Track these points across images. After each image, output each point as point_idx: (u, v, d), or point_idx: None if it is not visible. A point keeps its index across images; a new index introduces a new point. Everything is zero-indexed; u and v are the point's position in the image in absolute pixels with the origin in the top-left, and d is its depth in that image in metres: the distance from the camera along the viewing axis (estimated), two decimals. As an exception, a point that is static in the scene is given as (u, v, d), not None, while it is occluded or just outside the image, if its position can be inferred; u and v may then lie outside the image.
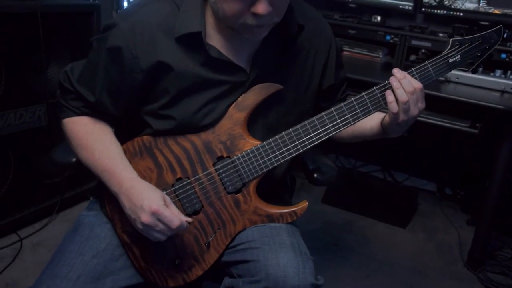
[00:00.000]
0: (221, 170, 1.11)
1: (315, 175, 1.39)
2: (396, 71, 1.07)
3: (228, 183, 1.11)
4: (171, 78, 1.06)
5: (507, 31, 2.26)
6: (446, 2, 2.44)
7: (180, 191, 1.11)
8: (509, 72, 2.13)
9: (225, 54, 1.08)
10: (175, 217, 1.00)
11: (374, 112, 1.10)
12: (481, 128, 1.93)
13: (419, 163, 2.90)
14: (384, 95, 1.07)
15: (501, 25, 1.12)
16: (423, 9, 2.49)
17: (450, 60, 1.10)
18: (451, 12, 2.42)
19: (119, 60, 1.06)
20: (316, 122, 1.10)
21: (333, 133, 1.10)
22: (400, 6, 2.55)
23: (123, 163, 1.08)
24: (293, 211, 1.14)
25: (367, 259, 2.22)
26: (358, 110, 1.09)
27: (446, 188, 2.84)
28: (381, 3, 2.60)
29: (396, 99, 1.05)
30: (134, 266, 1.15)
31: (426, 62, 1.09)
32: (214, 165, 1.11)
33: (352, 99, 1.09)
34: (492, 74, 2.12)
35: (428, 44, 2.42)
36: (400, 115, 1.06)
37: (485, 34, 1.11)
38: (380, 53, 2.56)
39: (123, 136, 1.14)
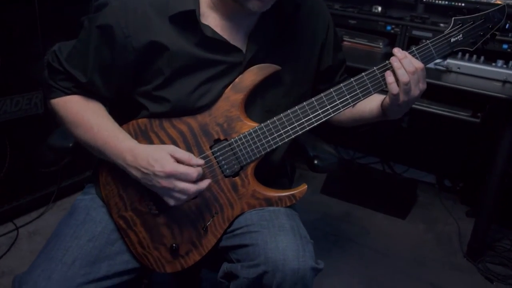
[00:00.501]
0: (218, 153, 1.09)
1: (315, 162, 1.37)
2: (396, 50, 1.04)
3: (225, 166, 1.09)
4: (165, 58, 1.04)
5: (509, 21, 2.26)
6: (447, -8, 2.41)
7: None
8: (510, 62, 2.11)
9: (220, 34, 1.06)
10: (190, 169, 1.00)
11: (374, 93, 1.08)
12: (483, 118, 1.91)
13: (418, 155, 2.88)
14: (384, 75, 1.05)
15: (504, 4, 1.09)
16: (424, 0, 2.46)
17: (452, 40, 1.08)
18: (452, 3, 2.39)
19: (111, 39, 1.04)
20: (315, 103, 1.08)
21: (332, 114, 1.08)
22: (401, -4, 2.53)
23: (122, 133, 1.07)
24: (292, 194, 1.12)
25: (366, 249, 2.21)
26: (358, 91, 1.07)
27: (445, 180, 2.83)
28: (381, -7, 2.57)
29: (397, 80, 1.03)
30: (130, 251, 1.14)
31: (427, 41, 1.07)
32: (211, 148, 1.09)
33: (352, 79, 1.07)
34: (493, 64, 2.09)
35: (429, 34, 2.39)
36: (400, 96, 1.04)
37: (488, 12, 1.09)
38: (381, 44, 2.54)
39: (118, 120, 1.11)
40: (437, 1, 2.43)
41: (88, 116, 1.09)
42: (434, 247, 2.27)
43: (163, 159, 1.00)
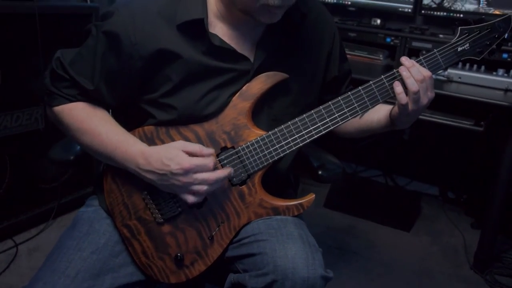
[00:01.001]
0: (225, 161, 1.07)
1: (320, 172, 1.36)
2: (404, 59, 1.04)
3: (232, 175, 1.08)
4: (173, 66, 1.03)
5: (508, 31, 2.27)
6: (445, 4, 2.43)
7: None
8: (511, 71, 2.11)
9: (228, 42, 1.05)
10: (205, 159, 0.99)
11: (382, 101, 1.07)
12: (486, 126, 1.90)
13: (421, 167, 2.87)
14: (392, 84, 1.05)
15: (509, 15, 1.10)
16: (423, 11, 2.48)
17: (459, 49, 1.08)
18: (451, 14, 2.41)
19: (117, 47, 1.03)
20: (323, 111, 1.07)
21: (340, 123, 1.07)
22: (400, 9, 2.55)
23: (132, 138, 1.06)
24: (300, 204, 1.10)
25: (371, 262, 2.18)
26: (366, 99, 1.06)
27: (449, 192, 2.81)
28: (380, 6, 2.59)
29: (405, 89, 1.03)
30: (134, 263, 1.11)
31: (435, 50, 1.07)
32: (217, 156, 1.08)
33: (360, 88, 1.06)
34: (494, 73, 2.10)
35: (429, 46, 2.41)
36: (409, 105, 1.03)
37: (494, 22, 1.10)
38: (381, 56, 2.55)
39: (124, 127, 1.09)
40: (435, 13, 2.45)
41: (95, 123, 1.07)
42: (440, 260, 2.24)
43: (178, 157, 0.99)
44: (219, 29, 1.06)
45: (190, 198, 1.01)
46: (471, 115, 1.96)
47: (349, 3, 2.67)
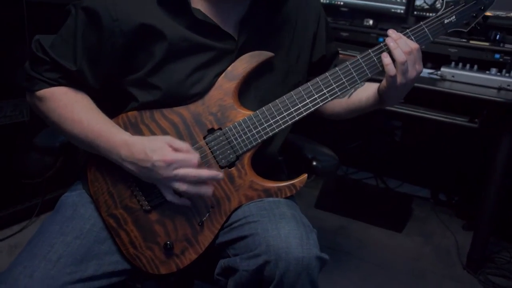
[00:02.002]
0: (212, 143, 1.04)
1: (314, 163, 1.32)
2: (391, 31, 1.03)
3: (220, 157, 1.04)
4: (155, 41, 1.00)
5: (499, 33, 2.28)
6: (438, 5, 2.43)
7: None
8: (504, 70, 2.11)
9: (212, 18, 1.02)
10: (190, 155, 0.96)
11: (371, 76, 1.05)
12: (480, 123, 1.88)
13: (412, 169, 2.85)
14: (380, 57, 1.03)
15: None
16: (415, 12, 2.47)
17: (446, 21, 1.07)
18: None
19: (97, 25, 0.98)
20: (311, 88, 1.04)
21: (329, 99, 1.05)
22: (392, 10, 2.54)
23: (114, 126, 1.01)
24: (292, 184, 1.07)
25: (363, 262, 2.14)
26: (354, 74, 1.04)
27: (440, 194, 2.79)
28: (373, 7, 2.58)
29: (394, 61, 1.01)
30: (120, 251, 1.06)
31: (421, 23, 1.06)
32: (204, 138, 1.04)
33: (347, 63, 1.04)
34: (487, 72, 2.09)
35: (422, 46, 2.40)
36: (398, 77, 1.01)
37: None
38: (373, 55, 2.53)
39: (106, 114, 1.05)
40: (427, 14, 2.44)
41: (77, 109, 1.02)
42: (432, 260, 2.21)
43: (161, 149, 0.95)
44: (201, 4, 1.03)
45: (169, 196, 0.98)
46: (466, 112, 1.94)
47: (342, 3, 2.66)
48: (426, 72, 2.18)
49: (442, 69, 2.12)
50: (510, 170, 2.01)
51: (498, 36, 2.27)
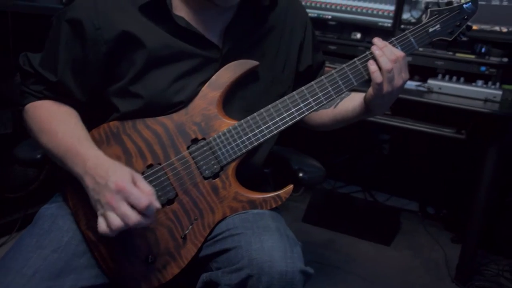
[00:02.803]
0: (196, 153, 1.01)
1: (300, 174, 1.31)
2: (376, 40, 1.03)
3: (204, 167, 1.01)
4: (136, 49, 0.98)
5: (484, 46, 2.30)
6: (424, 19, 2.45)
7: (150, 179, 1.00)
8: (489, 82, 2.13)
9: (195, 26, 1.01)
10: (144, 195, 0.86)
11: (356, 84, 1.04)
12: (468, 134, 1.89)
13: (400, 183, 2.85)
14: (366, 66, 1.02)
15: None
16: (402, 26, 2.49)
17: (430, 30, 1.08)
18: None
19: (81, 34, 0.97)
20: (297, 97, 1.03)
21: (315, 108, 1.03)
22: (380, 23, 2.55)
23: (88, 142, 0.97)
24: (277, 195, 1.04)
25: (352, 276, 2.11)
26: (340, 83, 1.03)
27: (428, 207, 2.78)
28: (360, 21, 2.60)
29: (380, 68, 1.00)
30: (99, 265, 1.03)
31: (407, 31, 1.06)
32: (188, 148, 1.02)
33: (333, 71, 1.03)
34: (474, 84, 2.11)
35: (409, 59, 2.41)
36: (384, 85, 1.00)
37: (462, 4, 1.10)
38: (360, 68, 2.54)
39: (89, 126, 1.03)
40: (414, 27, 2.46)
41: (55, 123, 1.00)
42: (421, 273, 2.19)
43: (123, 174, 0.89)
44: (184, 13, 1.02)
45: (101, 226, 0.88)
46: (453, 124, 1.95)
47: (330, 17, 2.67)
48: (413, 84, 2.19)
49: (429, 81, 2.13)
50: (497, 182, 2.01)
51: (483, 49, 2.30)
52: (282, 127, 1.03)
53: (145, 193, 0.87)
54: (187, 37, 1.00)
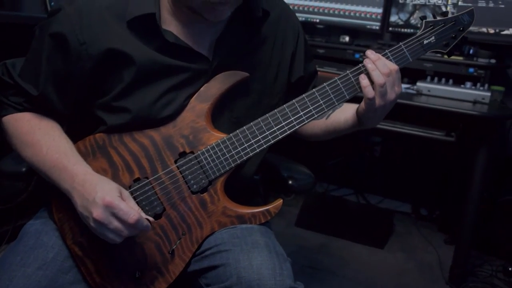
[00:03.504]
0: (184, 167, 1.00)
1: (290, 182, 1.30)
2: (369, 52, 1.01)
3: (192, 182, 1.00)
4: (124, 65, 0.96)
5: (472, 47, 2.30)
6: (412, 21, 2.45)
7: (137, 193, 0.98)
8: (478, 84, 2.13)
9: (184, 40, 0.99)
10: (132, 210, 0.86)
11: (349, 98, 1.03)
12: (457, 136, 1.89)
13: (393, 185, 2.85)
14: (358, 79, 1.00)
15: (472, 8, 1.10)
16: (390, 28, 2.50)
17: (425, 42, 1.06)
18: (418, 31, 2.43)
19: (64, 48, 0.95)
20: (287, 110, 1.01)
21: (306, 122, 1.01)
22: (368, 26, 2.55)
23: (75, 157, 0.96)
24: (267, 210, 1.03)
25: (346, 280, 2.11)
26: (332, 96, 1.02)
27: (421, 209, 2.78)
28: (348, 24, 2.60)
29: (372, 83, 0.98)
30: (86, 281, 1.01)
31: (401, 43, 1.04)
32: (175, 162, 1.00)
33: (325, 84, 1.02)
34: (462, 86, 2.11)
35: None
36: (376, 100, 0.98)
37: (458, 15, 1.08)
38: (350, 71, 2.54)
39: (74, 138, 1.01)
40: (402, 30, 2.47)
41: (38, 137, 0.98)
42: (415, 276, 2.19)
43: (110, 190, 0.88)
44: (174, 27, 1.00)
45: (106, 237, 0.89)
46: (443, 126, 1.95)
47: (318, 20, 2.67)
48: (402, 87, 2.18)
49: (418, 83, 2.13)
50: (488, 182, 2.02)
51: (471, 51, 2.30)
52: (272, 141, 1.01)
53: (133, 208, 0.86)
54: (176, 52, 0.98)
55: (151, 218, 0.91)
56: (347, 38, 2.64)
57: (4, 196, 2.02)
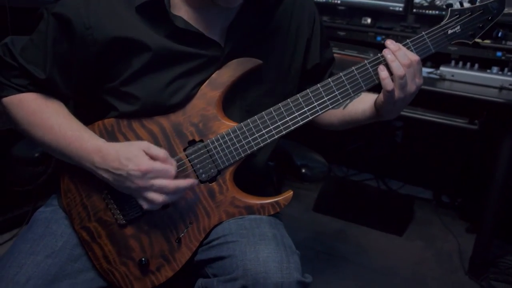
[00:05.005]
0: (193, 156, 0.98)
1: (303, 170, 1.28)
2: (389, 42, 0.95)
3: (201, 171, 0.98)
4: (133, 52, 0.94)
5: (501, 30, 2.20)
6: (437, 2, 2.36)
7: None
8: (506, 69, 2.04)
9: (195, 26, 0.96)
10: (168, 165, 0.91)
11: (366, 89, 0.98)
12: (480, 124, 1.82)
13: (414, 170, 2.78)
14: (376, 70, 0.96)
15: None
16: (414, 10, 2.40)
17: (450, 31, 1.00)
18: (443, 12, 2.33)
19: (69, 31, 0.93)
20: (301, 100, 0.98)
21: (320, 112, 0.98)
22: (391, 8, 2.46)
23: (87, 132, 0.96)
24: (276, 202, 1.01)
25: (362, 268, 2.08)
26: (348, 87, 0.97)
27: (443, 196, 2.72)
28: (371, 5, 2.51)
29: (391, 74, 0.94)
30: (95, 268, 1.02)
31: (423, 33, 0.99)
32: (185, 150, 0.99)
33: (341, 74, 0.98)
34: (488, 71, 2.02)
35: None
36: (396, 92, 0.94)
37: (487, 4, 1.01)
38: (371, 55, 2.46)
39: (85, 121, 1.01)
40: (427, 11, 2.37)
41: (47, 115, 0.97)
42: (434, 265, 2.15)
43: (137, 157, 0.90)
44: (184, 12, 0.97)
45: (145, 205, 0.93)
46: (466, 113, 1.88)
47: (339, 2, 2.59)
48: (425, 71, 2.11)
49: (442, 68, 2.05)
50: (512, 171, 1.94)
51: (500, 34, 2.20)
52: (284, 132, 0.98)
53: (165, 161, 0.91)
54: (186, 38, 0.96)
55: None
56: (369, 20, 2.55)
57: (23, 179, 2.06)
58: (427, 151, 2.69)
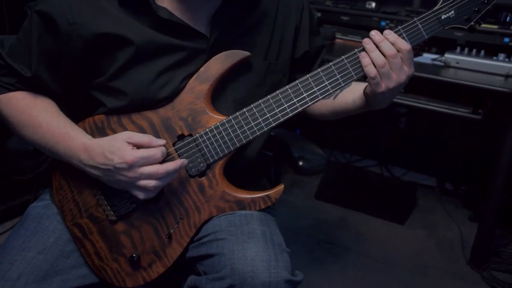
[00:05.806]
0: (182, 150, 0.97)
1: (301, 163, 1.26)
2: (374, 33, 0.92)
3: (190, 165, 0.97)
4: (118, 47, 0.93)
5: (510, 14, 2.13)
6: (445, -15, 2.29)
7: None
8: (512, 56, 1.99)
9: (179, 16, 0.94)
10: (153, 150, 0.89)
11: (356, 78, 0.96)
12: (484, 114, 1.78)
13: (418, 157, 2.75)
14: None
15: None
16: (420, -7, 2.35)
17: (443, 16, 0.96)
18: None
19: (53, 29, 0.92)
20: (290, 91, 0.96)
21: (310, 103, 0.96)
22: (396, -9, 2.41)
23: (74, 130, 0.95)
24: (267, 195, 0.99)
25: (363, 257, 2.07)
26: (338, 76, 0.95)
27: (447, 183, 2.69)
28: (375, -12, 2.46)
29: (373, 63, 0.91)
30: (87, 264, 1.01)
31: (415, 19, 0.95)
32: (174, 144, 0.97)
33: (330, 63, 0.95)
34: (495, 58, 1.97)
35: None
36: (382, 80, 0.91)
37: None
38: (375, 40, 2.42)
39: (75, 118, 1.00)
40: (433, -5, 2.32)
41: (35, 114, 0.97)
42: (435, 254, 2.13)
43: (120, 150, 0.89)
44: (167, 3, 0.95)
45: (140, 194, 0.91)
46: (470, 102, 1.84)
47: (343, -15, 2.53)
48: (429, 58, 2.07)
49: (446, 55, 2.01)
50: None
51: (508, 18, 2.14)
52: (273, 124, 0.97)
53: (149, 144, 0.90)
54: (171, 29, 0.94)
55: (163, 141, 0.93)
56: (373, 4, 2.49)
57: (25, 167, 2.06)
58: (431, 137, 2.66)
